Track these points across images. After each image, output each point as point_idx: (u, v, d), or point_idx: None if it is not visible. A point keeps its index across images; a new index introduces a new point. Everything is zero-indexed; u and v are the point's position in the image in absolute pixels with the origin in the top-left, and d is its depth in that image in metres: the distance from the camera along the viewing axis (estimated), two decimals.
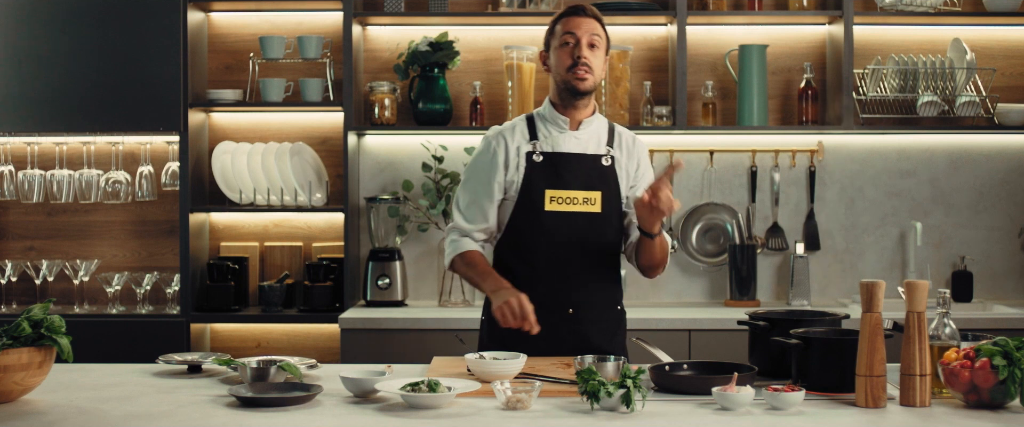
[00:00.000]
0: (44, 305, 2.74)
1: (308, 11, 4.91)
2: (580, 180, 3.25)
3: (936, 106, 4.73)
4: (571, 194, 3.24)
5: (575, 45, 3.24)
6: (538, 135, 3.30)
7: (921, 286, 2.59)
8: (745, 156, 4.92)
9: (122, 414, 2.55)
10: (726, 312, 4.52)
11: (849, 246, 4.93)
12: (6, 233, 4.98)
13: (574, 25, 3.26)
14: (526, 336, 3.12)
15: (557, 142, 3.29)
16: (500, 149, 3.28)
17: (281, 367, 2.79)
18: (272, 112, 4.92)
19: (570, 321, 3.24)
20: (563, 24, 3.28)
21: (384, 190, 4.92)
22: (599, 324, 3.29)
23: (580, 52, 3.23)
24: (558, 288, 3.23)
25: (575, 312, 3.25)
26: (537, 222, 3.23)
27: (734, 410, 2.54)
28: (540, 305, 3.17)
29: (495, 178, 3.27)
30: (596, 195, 3.25)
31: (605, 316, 3.31)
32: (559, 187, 3.24)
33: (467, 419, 2.47)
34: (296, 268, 4.91)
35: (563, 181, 3.24)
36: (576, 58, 3.23)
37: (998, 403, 2.57)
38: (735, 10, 4.86)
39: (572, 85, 3.25)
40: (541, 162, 3.26)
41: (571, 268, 3.23)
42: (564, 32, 3.26)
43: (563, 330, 3.22)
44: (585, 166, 3.27)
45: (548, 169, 3.25)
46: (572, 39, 3.24)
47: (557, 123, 3.30)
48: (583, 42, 3.24)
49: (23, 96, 4.65)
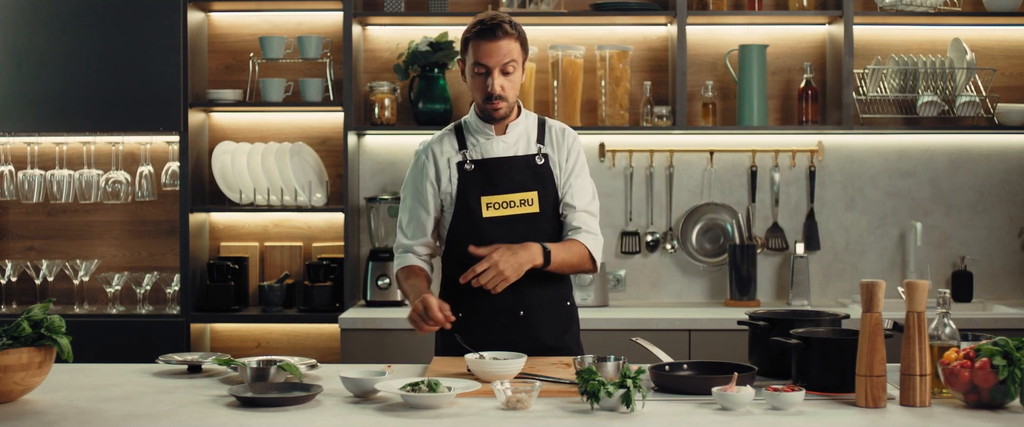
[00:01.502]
0: (44, 305, 2.74)
1: (308, 11, 4.91)
2: (514, 182, 3.22)
3: (936, 106, 4.73)
4: (507, 198, 3.21)
5: (487, 76, 3.14)
6: (467, 143, 3.26)
7: (921, 286, 2.59)
8: (745, 156, 4.92)
9: (122, 414, 2.55)
10: (726, 312, 4.52)
11: (849, 246, 4.93)
12: (6, 233, 4.98)
13: (485, 54, 3.12)
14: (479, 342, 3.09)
15: (486, 148, 3.25)
16: (429, 162, 3.26)
17: (281, 367, 2.79)
18: (272, 112, 4.92)
19: (523, 324, 3.23)
20: (474, 50, 3.14)
21: (384, 190, 4.92)
22: (551, 324, 3.27)
23: (492, 87, 3.14)
24: (507, 292, 3.15)
25: (527, 315, 3.23)
26: (477, 230, 3.20)
27: (734, 410, 2.54)
28: (492, 310, 3.19)
29: (428, 191, 3.26)
30: (533, 195, 3.23)
31: (556, 314, 3.29)
32: (494, 192, 3.21)
33: (467, 419, 2.47)
34: (296, 268, 4.91)
35: (497, 186, 3.21)
36: (488, 92, 3.15)
37: (998, 403, 2.57)
38: (735, 10, 4.86)
39: (488, 114, 3.21)
40: (473, 170, 3.23)
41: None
42: (475, 61, 3.14)
43: (516, 333, 3.21)
44: (518, 167, 3.24)
45: (480, 176, 3.22)
46: (483, 69, 3.15)
47: (483, 131, 3.26)
48: (495, 73, 3.14)
49: (23, 96, 4.65)
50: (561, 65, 4.74)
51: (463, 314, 3.20)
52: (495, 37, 3.12)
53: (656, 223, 4.93)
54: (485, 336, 3.17)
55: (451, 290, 3.27)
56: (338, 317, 4.46)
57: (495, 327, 3.20)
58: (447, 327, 3.06)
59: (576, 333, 3.35)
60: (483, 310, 3.21)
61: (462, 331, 3.15)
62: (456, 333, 3.10)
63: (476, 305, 3.21)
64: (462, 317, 3.19)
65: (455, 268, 3.21)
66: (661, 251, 4.91)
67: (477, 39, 3.14)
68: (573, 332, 3.34)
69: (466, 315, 3.20)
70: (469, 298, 3.20)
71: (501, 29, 3.12)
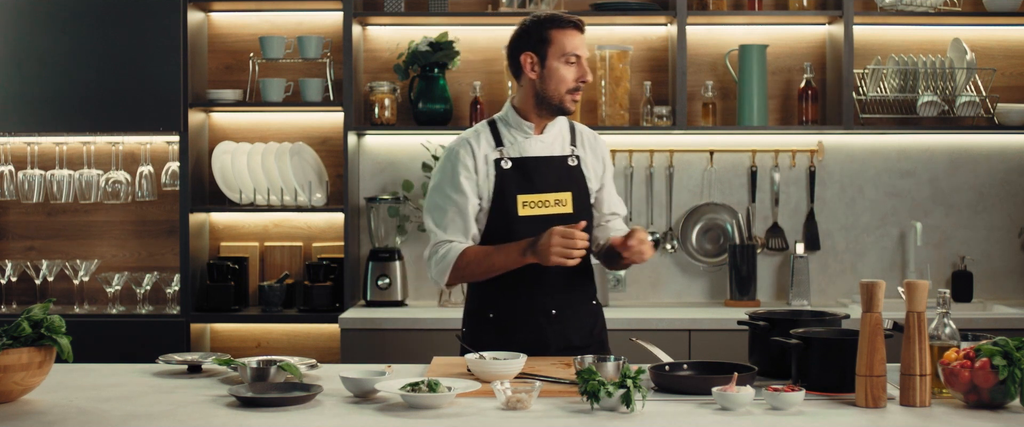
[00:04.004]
0: (44, 305, 2.74)
1: (308, 11, 4.91)
2: (550, 182, 3.23)
3: (936, 106, 4.73)
4: (543, 197, 3.22)
5: (577, 64, 3.19)
6: (503, 141, 3.25)
7: (921, 286, 2.59)
8: (745, 156, 4.92)
9: (122, 414, 2.55)
10: (726, 312, 4.52)
11: (849, 246, 4.93)
12: (6, 233, 4.98)
13: (578, 44, 3.20)
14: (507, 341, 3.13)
15: (523, 147, 3.25)
16: (469, 157, 3.23)
17: (281, 367, 2.79)
18: (272, 112, 4.92)
19: (554, 323, 3.24)
20: (565, 40, 3.18)
21: (384, 190, 4.92)
22: (580, 322, 3.29)
23: (586, 73, 3.19)
24: (538, 292, 3.22)
25: (558, 313, 3.25)
26: (512, 228, 3.20)
27: (734, 410, 2.54)
28: (525, 309, 3.21)
29: (472, 186, 3.21)
30: (567, 196, 3.24)
31: (584, 313, 3.32)
32: (531, 191, 3.21)
33: (467, 419, 2.47)
34: (296, 268, 4.91)
35: (534, 185, 3.22)
36: (580, 82, 3.19)
37: (998, 403, 2.57)
38: (735, 10, 4.86)
39: (565, 107, 3.22)
40: (510, 168, 3.22)
41: (550, 271, 3.19)
42: (566, 51, 3.18)
43: (548, 332, 3.23)
44: (553, 168, 3.26)
45: (517, 174, 3.22)
46: (575, 58, 3.19)
47: (522, 129, 3.26)
48: (585, 64, 3.21)
49: (23, 96, 4.65)
50: None
51: (494, 314, 3.23)
52: (581, 30, 3.22)
53: (656, 223, 4.93)
54: (516, 335, 3.19)
55: (481, 290, 3.27)
56: (338, 317, 4.46)
57: (527, 326, 3.21)
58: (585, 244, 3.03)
59: (603, 330, 3.38)
60: (516, 309, 3.22)
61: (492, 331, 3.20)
62: (457, 335, 3.11)
63: (508, 304, 3.23)
64: (493, 317, 3.22)
65: None
66: (661, 251, 4.91)
67: (564, 29, 3.19)
68: (598, 330, 3.36)
69: (497, 314, 3.23)
70: (499, 298, 3.23)
71: (581, 24, 3.22)
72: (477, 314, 3.29)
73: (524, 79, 3.24)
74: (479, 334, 3.25)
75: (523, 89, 3.26)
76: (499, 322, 3.23)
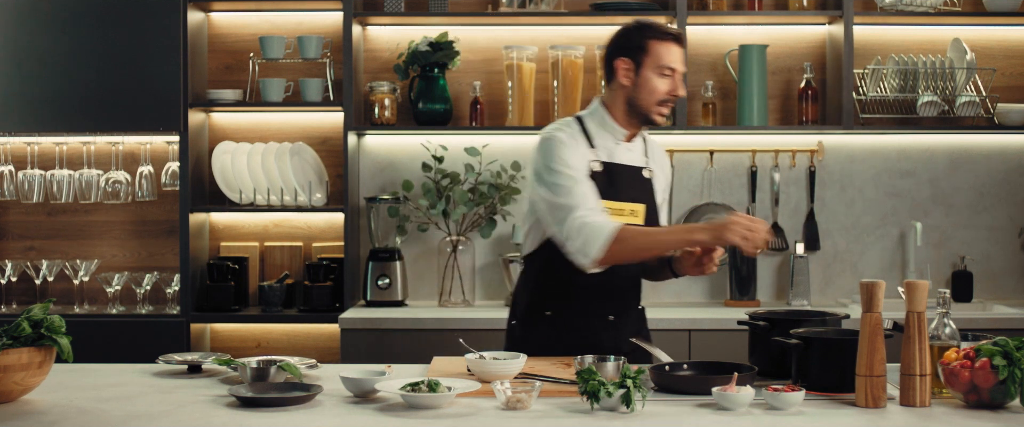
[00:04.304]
0: (44, 305, 2.74)
1: (308, 11, 4.91)
2: (629, 192, 3.23)
3: (936, 106, 4.73)
4: (622, 206, 3.21)
5: (671, 77, 3.18)
6: (594, 143, 3.23)
7: (921, 286, 2.59)
8: (745, 156, 4.92)
9: (122, 414, 2.55)
10: (726, 312, 4.52)
11: (849, 246, 4.93)
12: (6, 233, 4.98)
13: (676, 58, 3.18)
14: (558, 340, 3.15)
15: (612, 152, 3.25)
16: (575, 145, 3.17)
17: (281, 367, 2.79)
18: (272, 112, 4.92)
19: (610, 328, 3.27)
20: (663, 53, 3.16)
21: (384, 190, 4.92)
22: (630, 328, 3.32)
23: (678, 88, 3.18)
24: (601, 296, 3.24)
25: (615, 319, 3.28)
26: None
27: (734, 410, 2.54)
28: (582, 312, 3.22)
29: (584, 167, 3.15)
30: (641, 208, 3.25)
31: (635, 319, 3.36)
32: (613, 198, 3.19)
33: (467, 419, 2.47)
34: (296, 268, 4.91)
35: (617, 193, 3.21)
36: (672, 93, 3.18)
37: (998, 403, 2.57)
38: (735, 10, 4.86)
39: (652, 118, 3.20)
40: (598, 172, 3.20)
41: (615, 278, 3.22)
42: (663, 64, 3.16)
43: (602, 336, 3.23)
44: (634, 179, 3.26)
45: (604, 180, 3.20)
46: (671, 71, 3.17)
47: (614, 134, 3.25)
48: (679, 78, 3.19)
49: (23, 96, 4.65)
50: (561, 65, 4.74)
51: (552, 312, 3.24)
52: (681, 44, 3.21)
53: None
54: (570, 335, 3.18)
55: (541, 286, 3.26)
56: (338, 317, 4.46)
57: (584, 328, 3.21)
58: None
59: (648, 336, 3.39)
60: (575, 311, 3.23)
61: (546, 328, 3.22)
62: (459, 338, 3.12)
63: (568, 305, 3.24)
64: (550, 315, 3.24)
65: (559, 264, 3.13)
66: None
67: (664, 41, 3.18)
68: (644, 332, 3.39)
69: (554, 313, 3.24)
70: (561, 297, 3.23)
71: (682, 38, 3.22)
72: (533, 309, 3.28)
73: (616, 84, 3.23)
74: (531, 328, 3.26)
75: (614, 94, 3.24)
76: (555, 321, 3.24)
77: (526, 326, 3.28)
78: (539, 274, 3.27)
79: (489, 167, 4.80)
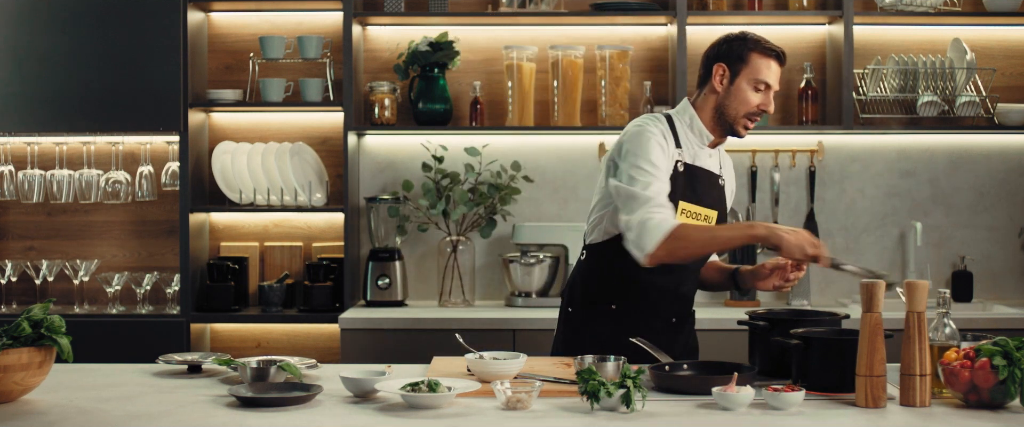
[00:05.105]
0: (44, 305, 2.74)
1: (308, 11, 4.91)
2: (707, 198, 3.24)
3: (936, 106, 4.73)
4: (698, 209, 3.21)
5: (765, 93, 3.18)
6: (681, 143, 3.23)
7: (921, 286, 2.59)
8: (745, 156, 4.92)
9: (122, 414, 2.55)
10: (726, 312, 4.52)
11: (849, 246, 4.93)
12: (6, 233, 4.98)
13: (772, 74, 3.18)
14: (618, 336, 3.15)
15: (696, 155, 3.25)
16: (665, 143, 3.15)
17: (281, 367, 2.79)
18: (272, 112, 4.92)
19: (671, 330, 3.28)
20: (761, 66, 3.16)
21: (384, 190, 4.92)
22: (686, 332, 3.35)
23: (769, 105, 3.19)
24: (666, 298, 3.26)
25: (678, 322, 3.30)
26: None
27: (734, 410, 2.54)
28: (648, 312, 3.24)
29: (669, 164, 3.15)
30: (714, 214, 3.25)
31: (691, 320, 3.39)
32: (692, 201, 3.20)
33: (467, 419, 2.47)
34: (296, 268, 4.91)
35: (696, 196, 3.21)
36: (761, 109, 3.19)
37: (998, 403, 2.57)
38: (735, 10, 4.86)
39: (737, 129, 3.22)
40: (681, 173, 3.20)
41: (683, 280, 3.25)
42: (758, 78, 3.16)
43: (661, 337, 3.22)
44: (712, 184, 3.27)
45: (685, 181, 3.20)
46: (765, 87, 3.18)
47: (702, 138, 3.25)
48: (771, 96, 3.20)
49: (23, 96, 4.65)
50: (561, 65, 4.74)
51: (617, 306, 3.24)
52: (782, 62, 3.21)
53: None
54: (631, 332, 3.15)
55: (611, 280, 3.25)
56: (338, 317, 4.46)
57: (645, 328, 3.20)
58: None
59: (696, 338, 3.43)
60: (641, 310, 3.25)
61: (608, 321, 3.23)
62: (457, 334, 3.11)
63: (635, 303, 3.25)
64: (615, 309, 3.24)
65: (629, 261, 3.09)
66: None
67: (765, 56, 3.18)
68: (694, 338, 3.42)
69: (620, 307, 3.25)
70: (629, 294, 3.23)
71: (784, 56, 3.21)
72: (597, 300, 3.27)
73: (709, 88, 3.23)
74: (591, 318, 3.26)
75: (705, 98, 3.24)
76: (619, 316, 3.24)
77: (586, 315, 3.28)
78: (606, 266, 3.25)
79: (489, 167, 4.80)
